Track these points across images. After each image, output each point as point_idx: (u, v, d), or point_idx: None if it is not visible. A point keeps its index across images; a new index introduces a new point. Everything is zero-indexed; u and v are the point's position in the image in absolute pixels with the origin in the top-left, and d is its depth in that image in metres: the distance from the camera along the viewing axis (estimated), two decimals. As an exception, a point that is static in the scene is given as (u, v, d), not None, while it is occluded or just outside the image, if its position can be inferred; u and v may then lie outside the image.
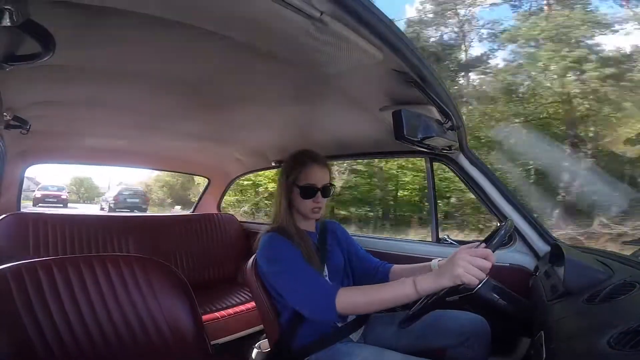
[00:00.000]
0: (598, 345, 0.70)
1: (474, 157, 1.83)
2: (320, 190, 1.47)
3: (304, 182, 1.46)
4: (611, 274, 1.13)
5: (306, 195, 1.46)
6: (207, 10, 0.97)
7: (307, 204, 1.47)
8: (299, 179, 1.47)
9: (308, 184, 1.46)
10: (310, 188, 1.46)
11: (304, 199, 1.47)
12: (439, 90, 1.29)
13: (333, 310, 1.18)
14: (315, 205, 1.47)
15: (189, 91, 1.68)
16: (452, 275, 1.03)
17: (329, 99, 1.67)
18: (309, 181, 1.46)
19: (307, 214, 1.50)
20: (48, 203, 17.07)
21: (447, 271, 1.05)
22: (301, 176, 1.47)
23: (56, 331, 1.15)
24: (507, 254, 1.80)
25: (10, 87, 1.30)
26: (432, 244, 2.16)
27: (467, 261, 1.02)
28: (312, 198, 1.46)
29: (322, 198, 1.48)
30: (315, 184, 1.46)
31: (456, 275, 1.01)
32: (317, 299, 1.20)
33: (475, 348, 1.40)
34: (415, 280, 1.10)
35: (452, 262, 1.05)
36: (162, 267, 1.43)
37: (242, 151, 3.04)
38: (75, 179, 33.02)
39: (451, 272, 1.03)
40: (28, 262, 1.20)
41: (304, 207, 1.48)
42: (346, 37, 1.00)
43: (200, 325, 1.42)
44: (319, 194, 1.47)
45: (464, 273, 1.00)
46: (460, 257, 1.03)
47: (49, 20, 0.88)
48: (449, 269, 1.04)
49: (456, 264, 1.02)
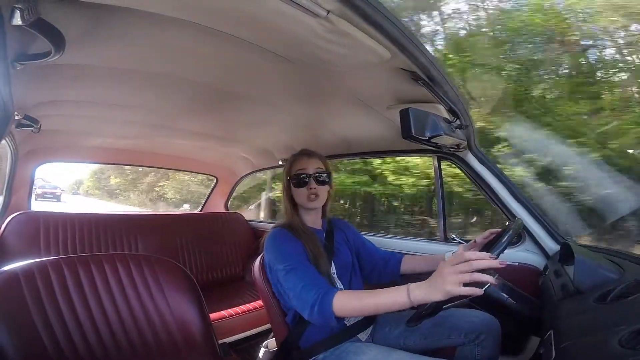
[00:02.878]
0: (609, 344, 0.70)
1: (483, 155, 1.82)
2: (312, 177, 1.50)
3: (294, 171, 1.52)
4: (622, 273, 1.12)
5: (299, 184, 1.50)
6: (215, 9, 0.98)
7: (302, 192, 1.50)
8: (291, 171, 1.53)
9: (298, 172, 1.51)
10: (301, 175, 1.50)
11: (298, 188, 1.51)
12: (447, 89, 1.28)
13: (330, 314, 1.17)
14: (310, 192, 1.49)
15: (197, 90, 1.69)
16: (441, 291, 0.97)
17: (336, 98, 1.67)
18: (300, 168, 1.51)
19: (304, 204, 1.51)
20: (46, 198, 19.89)
21: (436, 286, 1.00)
22: (292, 168, 1.53)
23: (66, 329, 1.16)
24: (517, 253, 1.78)
25: (21, 86, 1.31)
26: (440, 242, 2.15)
27: (454, 273, 0.96)
28: (305, 186, 1.50)
29: (317, 185, 1.50)
30: (304, 169, 1.51)
31: (446, 291, 0.96)
32: (315, 302, 1.19)
33: (486, 346, 1.39)
34: (409, 288, 1.06)
35: (439, 276, 1.00)
36: (170, 265, 1.44)
37: (249, 150, 3.05)
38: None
39: (440, 288, 0.98)
40: (39, 261, 1.22)
41: (301, 197, 1.51)
42: (353, 35, 1.00)
43: (208, 324, 1.42)
44: (312, 180, 1.50)
45: (455, 287, 0.95)
46: (446, 272, 0.98)
47: (59, 20, 0.89)
48: (437, 283, 0.99)
49: (444, 279, 0.97)
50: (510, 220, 1.68)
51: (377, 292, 1.14)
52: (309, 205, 1.52)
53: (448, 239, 2.14)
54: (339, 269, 1.51)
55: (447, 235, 2.15)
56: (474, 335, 1.40)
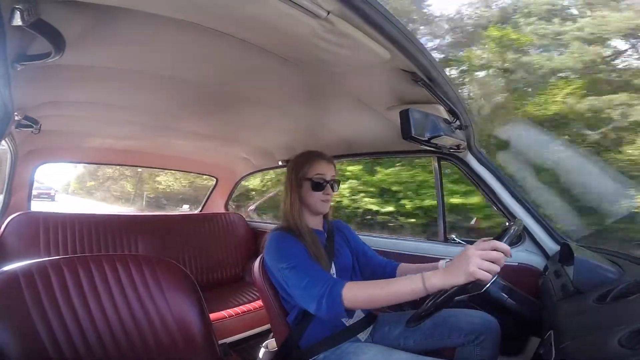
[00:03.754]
0: (609, 344, 0.70)
1: (483, 156, 1.82)
2: (329, 183, 1.50)
3: (314, 174, 1.49)
4: (621, 273, 1.12)
5: (317, 188, 1.49)
6: (216, 10, 0.98)
7: (318, 196, 1.49)
8: (308, 173, 1.50)
9: (318, 175, 1.49)
10: (321, 179, 1.49)
11: (315, 191, 1.49)
12: (447, 89, 1.28)
13: (340, 305, 1.17)
14: (325, 197, 1.50)
15: (198, 91, 1.69)
16: (465, 273, 0.99)
17: (336, 99, 1.67)
18: (319, 172, 1.49)
19: (316, 207, 1.51)
20: (42, 198, 20.72)
21: (458, 268, 1.01)
22: (311, 170, 1.50)
23: (66, 330, 1.16)
24: (517, 254, 1.78)
25: (21, 86, 1.31)
26: (440, 243, 2.15)
27: (478, 256, 0.98)
28: (322, 190, 1.49)
29: (331, 191, 1.51)
30: (324, 175, 1.50)
31: (470, 272, 0.97)
32: (324, 294, 1.19)
33: (486, 347, 1.39)
34: (423, 275, 1.07)
35: (464, 259, 1.01)
36: (170, 266, 1.44)
37: (249, 151, 3.05)
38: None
39: (464, 269, 0.99)
40: (38, 261, 1.21)
41: (314, 200, 1.50)
42: (353, 36, 1.01)
43: (208, 325, 1.42)
44: (328, 187, 1.50)
45: (477, 269, 0.97)
46: (471, 253, 1.00)
47: (59, 20, 0.89)
48: (461, 265, 1.01)
49: (468, 261, 0.99)
50: (510, 221, 1.68)
51: (390, 281, 1.15)
52: (321, 210, 1.52)
53: (448, 239, 2.14)
54: (339, 271, 1.50)
55: (446, 235, 2.15)
56: (473, 336, 1.40)
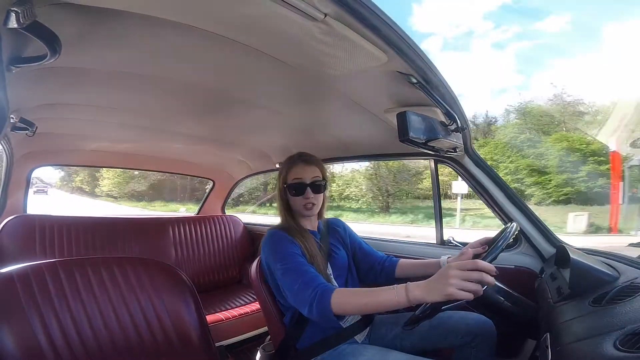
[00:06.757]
0: (605, 347, 0.70)
1: (479, 158, 1.83)
2: (308, 186, 1.49)
3: (291, 179, 1.50)
4: (617, 275, 1.12)
5: (295, 192, 1.49)
6: (212, 12, 0.97)
7: (298, 200, 1.50)
8: (287, 178, 1.51)
9: (296, 180, 1.49)
10: (298, 184, 1.49)
11: (294, 196, 1.50)
12: (444, 92, 1.28)
13: (329, 311, 1.17)
14: (306, 202, 1.49)
15: (194, 94, 1.68)
16: (442, 293, 0.97)
17: (333, 101, 1.67)
18: (297, 177, 1.50)
19: (300, 211, 1.51)
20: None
21: (436, 287, 0.99)
22: (289, 175, 1.51)
23: (62, 332, 1.16)
24: (513, 256, 1.79)
25: (16, 89, 1.30)
26: (437, 245, 2.15)
27: (458, 277, 0.96)
28: (302, 195, 1.49)
29: (313, 194, 1.50)
30: (302, 179, 1.49)
31: (448, 293, 0.95)
32: (314, 300, 1.20)
33: (482, 349, 1.39)
34: (407, 288, 1.05)
35: (443, 278, 0.98)
36: (167, 269, 1.43)
37: (246, 153, 3.04)
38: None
39: (441, 290, 0.97)
40: (34, 264, 1.21)
41: (297, 205, 1.51)
42: (350, 39, 1.00)
43: (205, 327, 1.42)
44: (308, 190, 1.49)
45: (456, 291, 0.94)
46: (452, 274, 0.97)
47: (55, 22, 0.88)
48: (439, 284, 0.98)
49: (447, 281, 0.96)
50: (506, 224, 1.69)
51: (375, 291, 1.15)
52: (305, 213, 1.52)
53: (444, 242, 2.14)
54: (336, 270, 1.51)
55: (443, 238, 2.15)
56: (469, 338, 1.40)
